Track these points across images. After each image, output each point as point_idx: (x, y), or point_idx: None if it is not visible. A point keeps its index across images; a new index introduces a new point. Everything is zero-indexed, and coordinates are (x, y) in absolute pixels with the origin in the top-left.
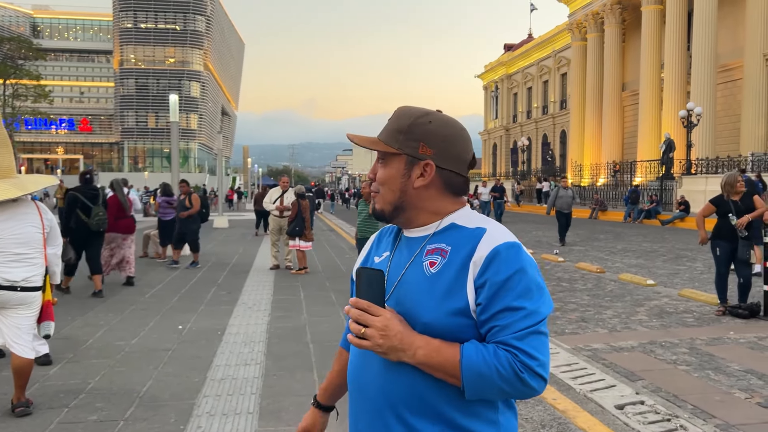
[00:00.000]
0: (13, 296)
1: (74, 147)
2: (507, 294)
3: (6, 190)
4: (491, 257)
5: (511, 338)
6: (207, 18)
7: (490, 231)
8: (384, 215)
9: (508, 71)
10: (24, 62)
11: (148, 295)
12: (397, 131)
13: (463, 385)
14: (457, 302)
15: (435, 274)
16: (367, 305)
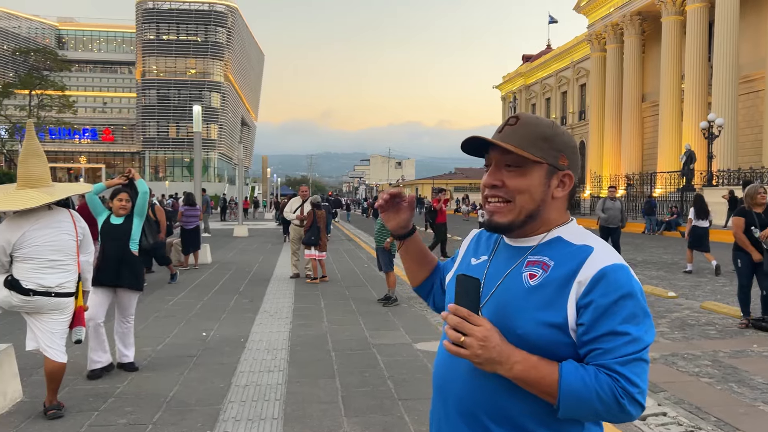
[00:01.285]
0: (48, 302)
1: (96, 156)
2: (613, 318)
3: (36, 197)
4: (598, 278)
5: (614, 363)
6: (228, 30)
7: (598, 250)
8: (509, 228)
9: (527, 82)
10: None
11: (172, 302)
12: (541, 139)
13: (559, 404)
14: (554, 317)
15: (534, 286)
16: (467, 314)
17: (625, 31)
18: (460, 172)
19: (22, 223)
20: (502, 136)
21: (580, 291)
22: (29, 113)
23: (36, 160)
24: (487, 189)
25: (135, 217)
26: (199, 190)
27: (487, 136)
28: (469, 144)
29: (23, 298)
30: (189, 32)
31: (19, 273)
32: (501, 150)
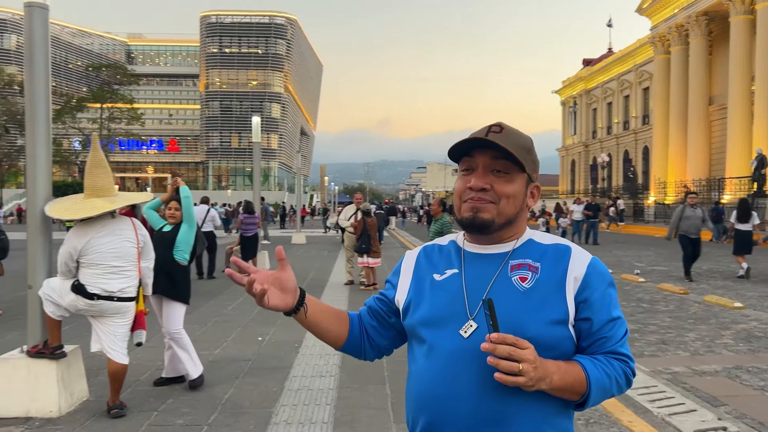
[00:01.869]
0: (110, 306)
1: (163, 166)
2: (607, 307)
3: (98, 206)
4: (590, 273)
5: (618, 346)
6: (287, 42)
7: (574, 248)
8: (492, 227)
9: (587, 86)
10: (119, 87)
11: (230, 308)
12: (525, 150)
13: (588, 398)
14: (557, 314)
15: (529, 289)
16: (515, 340)
17: (690, 32)
18: None
19: (87, 231)
20: (497, 142)
21: (576, 287)
22: (100, 126)
23: (100, 171)
24: (473, 191)
25: (183, 225)
26: (258, 199)
27: (500, 141)
28: (460, 147)
29: (88, 302)
30: (250, 45)
31: (84, 278)
32: (491, 155)
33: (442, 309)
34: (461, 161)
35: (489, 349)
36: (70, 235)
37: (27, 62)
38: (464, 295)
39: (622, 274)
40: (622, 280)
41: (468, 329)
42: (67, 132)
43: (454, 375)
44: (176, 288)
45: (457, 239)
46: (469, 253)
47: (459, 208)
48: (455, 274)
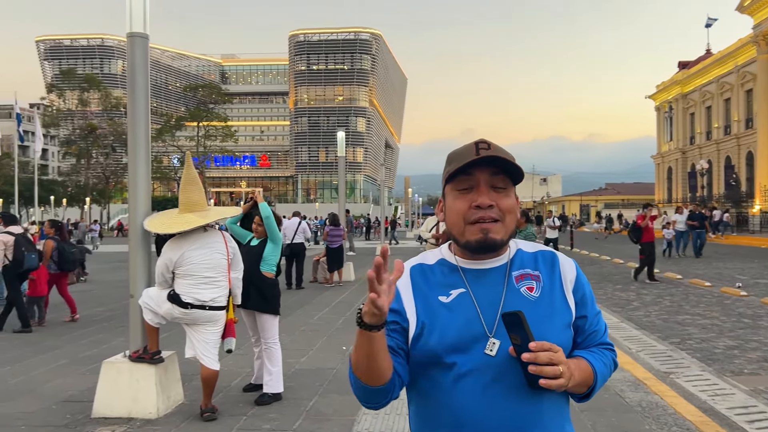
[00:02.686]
0: (202, 314)
1: (255, 181)
2: (592, 302)
3: (191, 220)
4: (579, 274)
5: (605, 337)
6: (372, 56)
7: (557, 252)
8: (501, 246)
9: (684, 90)
10: (214, 106)
11: (316, 317)
12: (515, 165)
13: (592, 390)
14: (567, 316)
15: (539, 297)
16: (550, 345)
17: None
18: (612, 187)
19: (182, 244)
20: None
21: (571, 288)
22: (197, 143)
23: (193, 187)
24: (481, 210)
25: (268, 243)
26: (343, 211)
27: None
28: (463, 164)
29: (182, 311)
30: (336, 61)
31: (179, 288)
32: (491, 171)
33: (461, 331)
34: (456, 180)
35: (531, 358)
36: (166, 248)
37: (129, 86)
38: (479, 315)
39: (722, 288)
40: (721, 293)
41: (493, 347)
42: (167, 149)
43: (490, 394)
44: (266, 301)
45: (445, 255)
46: (468, 270)
47: (462, 231)
48: (463, 294)
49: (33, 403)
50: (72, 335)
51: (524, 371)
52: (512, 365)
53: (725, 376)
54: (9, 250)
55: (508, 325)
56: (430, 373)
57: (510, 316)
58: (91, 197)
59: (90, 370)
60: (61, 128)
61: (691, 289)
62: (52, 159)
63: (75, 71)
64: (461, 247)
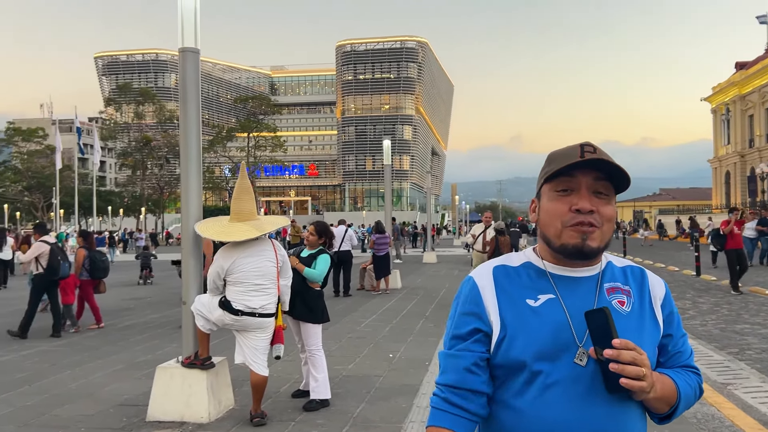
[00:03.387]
0: (252, 321)
1: (303, 190)
2: (679, 323)
3: (248, 230)
4: (667, 293)
5: (691, 360)
6: (418, 65)
7: (645, 269)
8: (597, 252)
9: (741, 91)
10: (264, 117)
11: (363, 324)
12: (622, 171)
13: (676, 409)
14: (656, 334)
15: (630, 312)
16: (635, 345)
17: None
18: (666, 192)
19: (233, 252)
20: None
21: (659, 306)
22: (248, 153)
23: (247, 197)
24: (581, 214)
25: (319, 262)
26: (389, 219)
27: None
28: (562, 166)
29: (233, 317)
30: (383, 70)
31: (230, 295)
32: (594, 176)
33: (550, 339)
34: (556, 181)
35: (613, 355)
36: (218, 255)
37: (181, 99)
38: (569, 322)
39: None
40: None
41: (583, 357)
42: (218, 160)
43: (579, 406)
44: (312, 312)
45: (531, 259)
46: (558, 276)
47: (559, 234)
48: (552, 300)
49: (92, 406)
50: (128, 341)
51: (603, 371)
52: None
53: None
54: (44, 259)
55: (591, 324)
56: (511, 382)
57: (594, 313)
58: (146, 207)
59: (145, 374)
60: (118, 141)
61: (751, 298)
62: (109, 171)
63: (131, 85)
64: (554, 251)
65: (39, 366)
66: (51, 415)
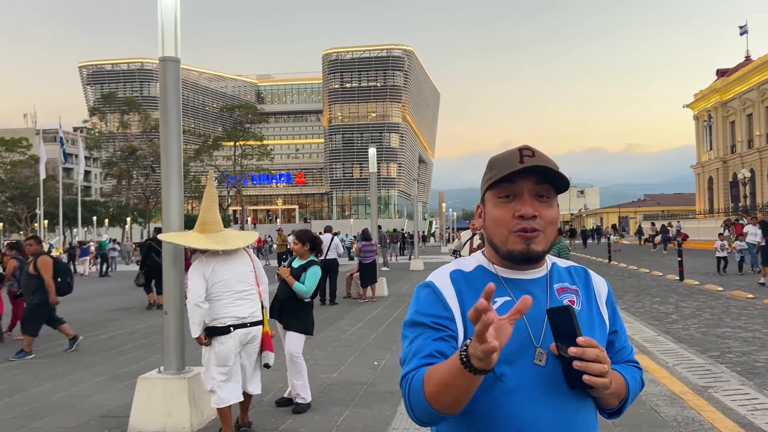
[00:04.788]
0: (245, 333)
1: (291, 198)
2: (621, 319)
3: (233, 241)
4: (609, 290)
5: (633, 355)
6: (404, 73)
7: (588, 269)
8: (542, 256)
9: (723, 98)
10: (250, 126)
11: (349, 332)
12: (560, 174)
13: (625, 403)
14: (604, 332)
15: (580, 311)
16: (596, 343)
17: None
18: (650, 198)
19: (209, 261)
20: (547, 166)
21: (603, 303)
22: (234, 162)
23: (216, 207)
24: (524, 220)
25: (308, 276)
26: (375, 227)
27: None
28: (503, 172)
29: (226, 337)
30: (369, 78)
31: (215, 312)
32: (535, 180)
33: (511, 341)
34: (499, 188)
35: (578, 353)
36: (195, 267)
37: (162, 109)
38: (526, 324)
39: (765, 299)
40: (764, 306)
41: (542, 358)
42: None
43: (544, 403)
44: (298, 322)
45: (483, 263)
46: (509, 279)
47: (505, 240)
48: (508, 303)
49: (73, 418)
50: (111, 352)
51: (565, 369)
52: (561, 375)
53: (766, 390)
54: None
55: (553, 321)
56: None
57: (557, 311)
58: (132, 217)
59: (128, 385)
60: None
61: (733, 301)
62: (94, 180)
63: (116, 94)
64: (501, 257)
65: (20, 378)
66: (31, 428)
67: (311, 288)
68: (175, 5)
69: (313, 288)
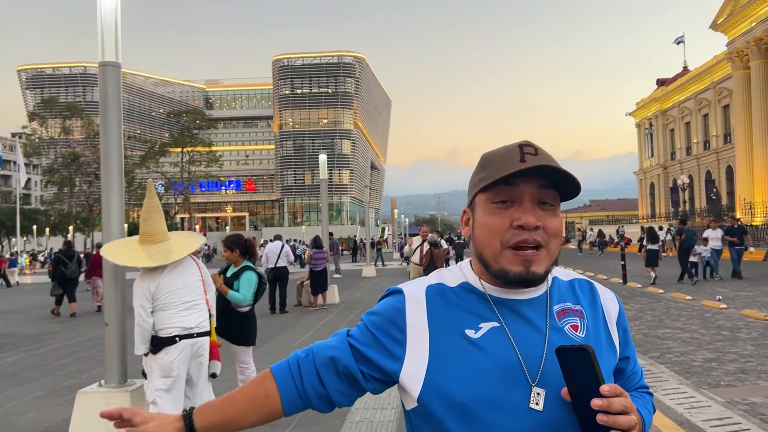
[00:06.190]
0: (192, 345)
1: (241, 205)
2: (632, 341)
3: (173, 252)
4: (621, 308)
5: (643, 380)
6: (356, 80)
7: (593, 282)
8: (543, 278)
9: (663, 107)
10: (198, 132)
11: (299, 341)
12: (572, 178)
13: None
14: (614, 360)
15: (584, 338)
16: (621, 390)
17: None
18: (596, 203)
19: (155, 274)
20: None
21: (613, 325)
22: (182, 169)
23: (157, 216)
24: (524, 231)
25: (242, 282)
26: (327, 234)
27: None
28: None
29: (172, 348)
30: (320, 85)
31: (160, 323)
32: (538, 183)
33: (498, 378)
34: (494, 191)
35: (603, 405)
36: (140, 281)
37: (102, 115)
38: (519, 358)
39: (702, 301)
40: (702, 307)
41: (538, 400)
42: (151, 176)
43: None
44: (235, 335)
45: (468, 278)
46: (500, 300)
47: (497, 255)
48: (496, 330)
49: None
50: (49, 366)
51: (583, 422)
52: (565, 422)
53: (702, 389)
54: None
55: (565, 365)
56: (446, 426)
57: (571, 352)
58: (74, 225)
59: (67, 401)
60: (44, 157)
61: (672, 303)
62: (34, 188)
63: (57, 99)
64: (492, 275)
65: None
66: None
67: (247, 295)
68: (115, 8)
69: (249, 294)
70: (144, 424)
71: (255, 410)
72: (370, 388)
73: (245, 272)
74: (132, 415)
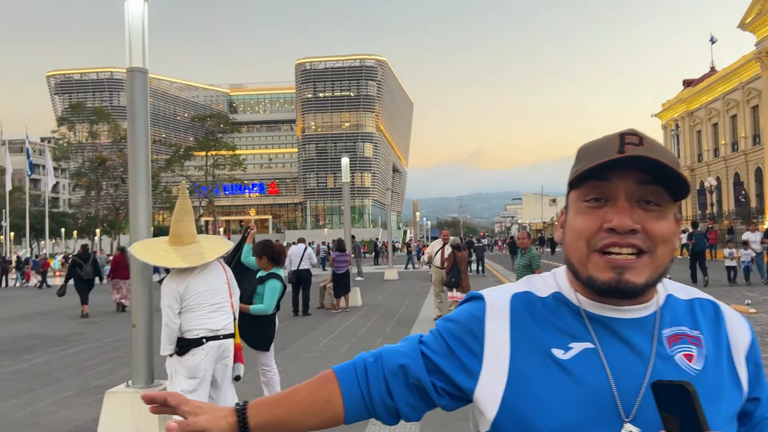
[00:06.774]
0: (218, 347)
1: (264, 208)
2: (765, 379)
3: (203, 254)
4: (753, 339)
5: None
6: (378, 83)
7: (721, 304)
8: (643, 290)
9: (689, 108)
10: (222, 135)
11: (322, 344)
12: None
13: None
14: (736, 402)
15: (701, 371)
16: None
17: None
18: None
19: (183, 276)
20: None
21: (742, 358)
22: (206, 172)
23: (188, 219)
24: (616, 234)
25: (266, 292)
26: (349, 237)
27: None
28: (592, 166)
29: (199, 349)
30: (342, 88)
31: (186, 325)
32: (638, 178)
33: (584, 408)
34: (585, 187)
35: None
36: (169, 281)
37: (130, 119)
38: (611, 387)
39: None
40: None
41: None
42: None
43: None
44: (251, 337)
45: (563, 289)
46: (596, 317)
47: (584, 261)
48: (589, 351)
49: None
50: (78, 366)
51: None
52: None
53: None
54: None
55: (662, 401)
56: None
57: (669, 389)
58: (101, 228)
59: (95, 400)
60: (72, 161)
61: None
62: (62, 192)
63: (84, 104)
64: (582, 284)
65: None
66: None
67: (270, 305)
68: (142, 15)
69: (273, 303)
70: (194, 416)
71: (314, 414)
72: (442, 404)
73: (270, 280)
74: (179, 402)
